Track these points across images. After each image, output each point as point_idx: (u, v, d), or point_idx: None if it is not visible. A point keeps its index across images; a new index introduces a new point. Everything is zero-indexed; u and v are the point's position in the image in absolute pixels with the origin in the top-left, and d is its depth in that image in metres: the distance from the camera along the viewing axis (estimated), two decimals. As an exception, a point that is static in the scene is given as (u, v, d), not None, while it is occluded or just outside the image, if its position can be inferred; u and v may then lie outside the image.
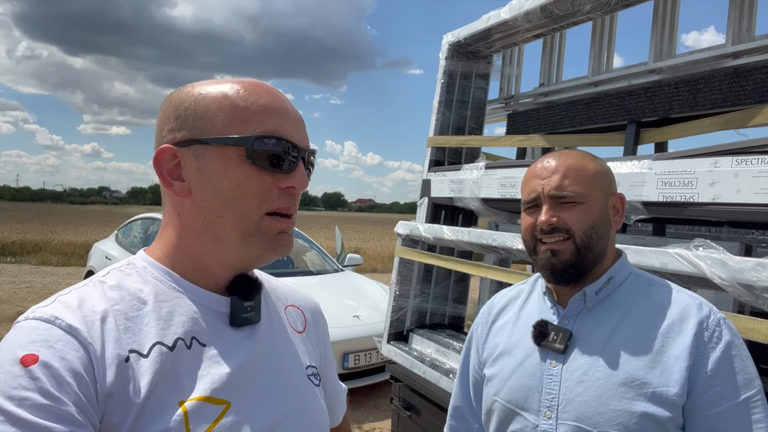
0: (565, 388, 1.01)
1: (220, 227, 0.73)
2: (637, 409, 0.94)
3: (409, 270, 2.91)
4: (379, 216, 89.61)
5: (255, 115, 0.72)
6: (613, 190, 1.09)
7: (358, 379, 4.67)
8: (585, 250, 1.02)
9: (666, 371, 0.95)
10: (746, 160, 1.47)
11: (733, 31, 1.99)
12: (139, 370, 0.66)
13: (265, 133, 0.72)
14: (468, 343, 1.30)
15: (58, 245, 14.46)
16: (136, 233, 6.87)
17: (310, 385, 0.85)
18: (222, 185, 0.71)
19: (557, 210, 1.04)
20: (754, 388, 0.93)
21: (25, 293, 8.55)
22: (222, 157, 0.71)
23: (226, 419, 0.70)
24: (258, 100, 0.73)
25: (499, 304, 1.23)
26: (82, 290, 0.71)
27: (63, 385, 0.60)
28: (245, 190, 0.71)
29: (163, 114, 0.76)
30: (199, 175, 0.72)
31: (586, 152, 1.11)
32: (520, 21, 2.44)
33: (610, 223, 1.07)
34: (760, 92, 1.87)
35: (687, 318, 0.98)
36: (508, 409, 1.09)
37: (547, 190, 1.04)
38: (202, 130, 0.72)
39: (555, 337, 1.04)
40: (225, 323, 0.76)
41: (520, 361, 1.09)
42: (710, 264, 1.43)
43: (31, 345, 0.62)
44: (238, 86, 0.74)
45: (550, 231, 1.03)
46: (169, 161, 0.73)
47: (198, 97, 0.73)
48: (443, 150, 2.96)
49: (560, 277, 1.05)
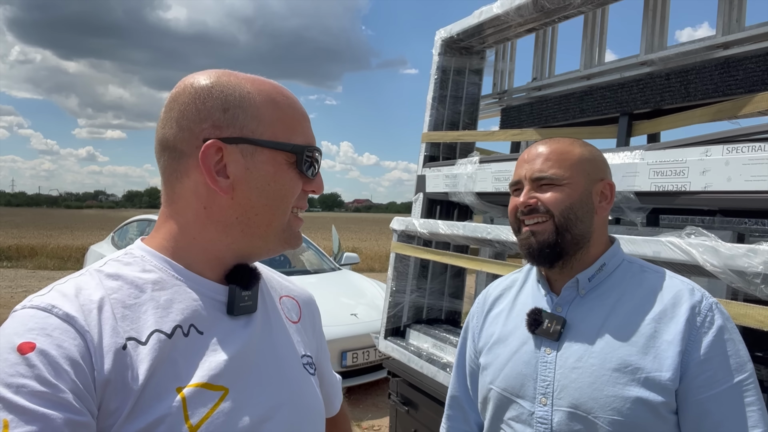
0: (559, 374, 1.02)
1: (255, 224, 0.76)
2: (630, 394, 0.95)
3: (405, 265, 2.91)
4: (376, 216, 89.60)
5: (299, 124, 0.78)
6: (601, 176, 1.09)
7: (356, 377, 4.68)
8: (563, 231, 1.04)
9: (659, 356, 0.95)
10: (737, 148, 1.48)
11: (723, 22, 2.00)
12: (137, 357, 0.67)
13: (309, 143, 0.79)
14: (464, 333, 1.30)
15: (54, 249, 14.43)
16: (132, 235, 6.86)
17: (306, 373, 0.86)
18: (268, 186, 0.75)
19: (537, 191, 1.06)
20: (747, 371, 0.94)
21: (21, 297, 8.52)
22: (272, 160, 0.75)
23: (224, 405, 0.70)
24: (298, 109, 0.79)
25: (494, 294, 1.24)
26: (80, 279, 0.71)
27: (60, 373, 0.61)
28: (287, 192, 0.77)
29: (203, 105, 0.73)
30: (246, 175, 0.74)
31: (579, 140, 1.12)
32: (512, 16, 2.44)
33: (593, 208, 1.07)
34: (750, 82, 1.88)
35: (679, 303, 0.99)
36: (504, 396, 1.10)
37: (528, 173, 1.07)
38: (254, 131, 0.74)
39: (549, 324, 1.05)
40: (222, 312, 0.77)
41: (515, 349, 1.10)
42: (702, 251, 1.44)
43: (28, 333, 0.62)
44: (280, 92, 0.78)
45: (529, 212, 1.06)
46: (213, 156, 0.73)
47: (247, 96, 0.74)
48: (438, 145, 2.96)
49: (537, 256, 1.06)
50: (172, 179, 0.76)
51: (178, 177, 0.75)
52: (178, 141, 0.74)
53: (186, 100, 0.74)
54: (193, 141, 0.73)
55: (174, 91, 0.77)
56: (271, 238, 0.78)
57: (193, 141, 0.73)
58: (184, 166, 0.74)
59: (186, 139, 0.73)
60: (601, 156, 1.12)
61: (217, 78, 0.75)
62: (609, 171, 1.13)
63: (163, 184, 0.78)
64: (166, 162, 0.76)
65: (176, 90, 0.76)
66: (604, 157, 1.12)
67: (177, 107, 0.74)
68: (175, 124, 0.74)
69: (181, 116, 0.74)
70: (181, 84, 0.76)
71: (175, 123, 0.74)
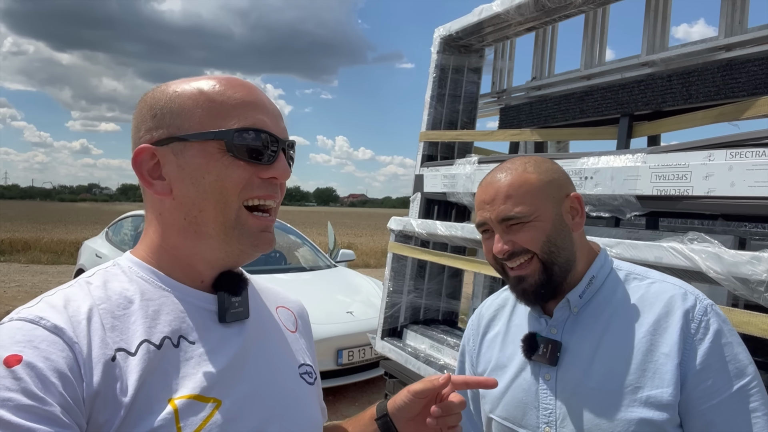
0: (560, 401, 0.99)
1: (202, 222, 0.73)
2: (633, 416, 0.92)
3: (403, 266, 2.90)
4: (371, 211, 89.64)
5: (233, 108, 0.73)
6: (565, 192, 1.04)
7: (351, 375, 4.66)
8: (550, 265, 1.00)
9: (658, 371, 0.92)
10: (741, 153, 1.46)
11: (726, 24, 1.99)
12: (126, 368, 0.66)
13: (245, 126, 0.73)
14: (461, 356, 1.27)
15: (47, 243, 14.34)
16: (127, 231, 6.82)
17: (303, 383, 0.84)
18: (203, 179, 0.72)
19: (509, 234, 1.00)
20: (748, 375, 0.90)
21: (15, 292, 8.46)
22: (202, 152, 0.72)
23: (217, 417, 0.69)
24: (234, 94, 0.74)
25: (486, 315, 1.20)
26: (68, 291, 0.70)
27: (47, 386, 0.60)
28: (226, 181, 0.72)
29: (139, 114, 0.76)
30: (179, 172, 0.73)
31: (530, 160, 1.05)
32: (512, 14, 2.42)
33: (569, 229, 1.02)
34: (753, 84, 1.86)
35: (672, 311, 0.95)
36: (506, 427, 1.06)
37: (493, 216, 1.01)
38: (180, 128, 0.73)
39: (545, 349, 1.02)
40: (213, 320, 0.76)
41: (513, 377, 1.07)
42: (705, 258, 1.42)
43: (14, 345, 0.61)
44: (213, 82, 0.75)
45: (509, 257, 1.01)
46: (148, 161, 0.74)
47: (173, 95, 0.74)
48: (436, 145, 2.94)
49: (533, 299, 1.03)
50: (142, 190, 0.78)
51: (142, 188, 0.77)
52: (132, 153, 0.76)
53: (135, 114, 0.78)
54: None
55: None
56: (225, 238, 0.74)
57: None
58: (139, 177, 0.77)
59: (133, 149, 0.76)
60: (557, 170, 1.06)
61: (159, 86, 0.77)
62: (570, 182, 1.07)
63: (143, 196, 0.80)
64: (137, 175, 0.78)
65: None
66: (561, 170, 1.07)
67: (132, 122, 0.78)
68: (131, 137, 0.78)
69: (132, 130, 0.78)
70: None
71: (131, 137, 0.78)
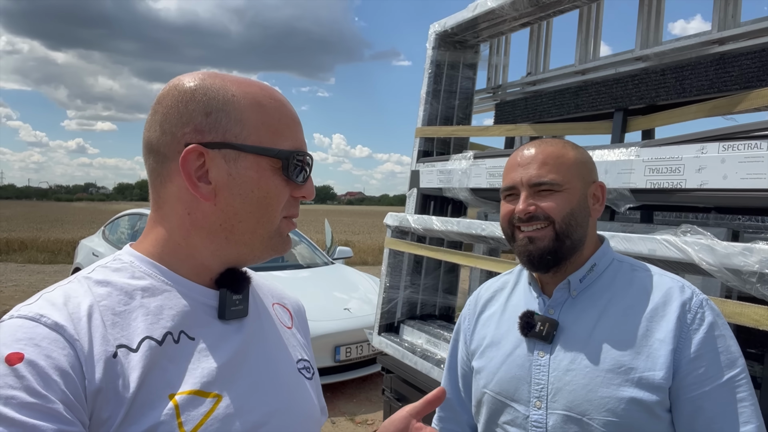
0: (553, 377, 1.02)
1: (239, 231, 0.74)
2: (624, 394, 0.95)
3: (399, 261, 2.90)
4: (368, 209, 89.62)
5: (287, 128, 0.75)
6: (594, 178, 1.09)
7: (349, 371, 4.68)
8: (563, 237, 1.02)
9: (651, 355, 0.95)
10: (733, 145, 1.47)
11: (719, 18, 2.00)
12: (128, 364, 0.66)
13: (297, 149, 0.75)
14: (456, 334, 1.29)
15: (44, 243, 14.29)
16: (124, 229, 6.81)
17: (302, 378, 0.85)
18: (252, 193, 0.72)
19: (535, 198, 1.04)
20: (738, 367, 0.94)
21: (11, 291, 8.45)
22: (256, 165, 0.72)
23: (218, 412, 0.69)
24: (286, 112, 0.76)
25: (485, 296, 1.23)
26: (68, 287, 0.70)
27: (49, 383, 0.60)
28: (273, 200, 0.74)
29: (185, 108, 0.72)
30: (229, 180, 0.72)
31: (568, 141, 1.11)
32: (506, 9, 2.42)
33: (589, 212, 1.06)
34: (746, 78, 1.87)
35: (670, 301, 0.98)
36: (498, 400, 1.09)
37: (525, 178, 1.04)
38: (237, 136, 0.71)
39: (541, 327, 1.04)
40: (213, 317, 0.76)
41: (508, 353, 1.09)
42: (698, 250, 1.43)
43: (16, 343, 0.61)
44: (266, 94, 0.75)
45: (528, 219, 1.03)
46: (194, 161, 0.71)
47: (231, 99, 0.72)
48: (431, 140, 2.95)
49: (537, 263, 1.05)
50: (157, 183, 0.75)
51: (162, 181, 0.74)
52: (161, 145, 0.73)
53: (170, 103, 0.73)
54: (175, 145, 0.72)
55: (160, 93, 0.75)
56: (257, 246, 0.76)
57: (176, 145, 0.72)
58: (168, 170, 0.73)
59: (168, 143, 0.72)
60: (590, 157, 1.11)
61: (202, 80, 0.73)
62: (597, 172, 1.12)
63: (150, 188, 0.77)
64: (152, 165, 0.75)
65: (162, 92, 0.75)
66: (592, 159, 1.12)
67: (161, 110, 0.73)
68: (159, 127, 0.73)
69: (165, 119, 0.72)
70: (167, 86, 0.75)
71: (158, 126, 0.73)
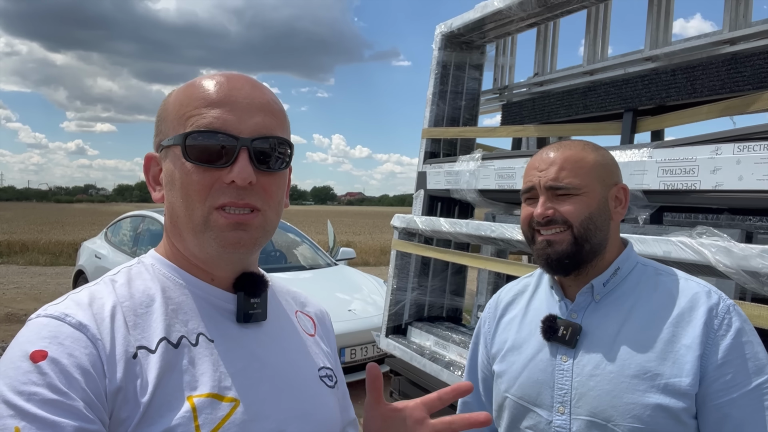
0: (577, 382, 1.00)
1: (180, 225, 0.74)
2: (650, 401, 0.93)
3: (406, 263, 2.89)
4: (369, 209, 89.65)
5: (194, 110, 0.71)
6: (615, 180, 1.07)
7: (355, 372, 4.66)
8: (582, 241, 1.01)
9: (678, 361, 0.94)
10: (749, 146, 1.46)
11: (730, 18, 1.99)
12: (147, 365, 0.67)
13: (198, 128, 0.70)
14: (476, 338, 1.28)
15: (45, 245, 14.29)
16: (126, 231, 6.79)
17: (323, 386, 0.84)
18: (174, 184, 0.73)
19: (554, 202, 1.03)
20: (766, 374, 0.93)
21: (13, 294, 8.43)
22: (173, 157, 0.73)
23: (236, 416, 0.69)
24: (200, 94, 0.72)
25: (505, 299, 1.22)
26: (93, 288, 0.72)
27: (71, 381, 0.61)
28: (188, 187, 0.71)
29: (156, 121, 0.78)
30: (165, 177, 0.75)
31: (590, 143, 1.09)
32: (514, 10, 2.41)
33: (610, 215, 1.05)
34: (758, 78, 1.86)
35: (696, 306, 0.97)
36: (520, 405, 1.08)
37: (543, 182, 1.03)
38: (165, 134, 0.75)
39: (564, 331, 1.03)
40: (232, 320, 0.76)
41: (530, 357, 1.08)
42: (715, 252, 1.42)
43: (40, 341, 0.63)
44: (193, 82, 0.75)
45: (546, 223, 1.02)
46: (154, 167, 0.77)
47: (164, 103, 0.77)
48: (438, 142, 2.94)
49: (555, 267, 1.04)
50: None
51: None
52: None
53: None
54: None
55: None
56: (198, 241, 0.73)
57: None
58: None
59: None
60: (612, 159, 1.09)
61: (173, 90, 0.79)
62: (620, 172, 1.11)
63: None
64: None
65: None
66: (615, 160, 1.10)
67: None
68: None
69: None
70: None
71: None
